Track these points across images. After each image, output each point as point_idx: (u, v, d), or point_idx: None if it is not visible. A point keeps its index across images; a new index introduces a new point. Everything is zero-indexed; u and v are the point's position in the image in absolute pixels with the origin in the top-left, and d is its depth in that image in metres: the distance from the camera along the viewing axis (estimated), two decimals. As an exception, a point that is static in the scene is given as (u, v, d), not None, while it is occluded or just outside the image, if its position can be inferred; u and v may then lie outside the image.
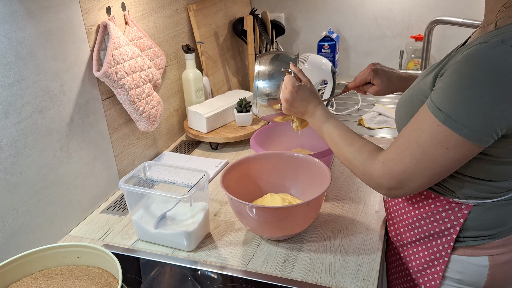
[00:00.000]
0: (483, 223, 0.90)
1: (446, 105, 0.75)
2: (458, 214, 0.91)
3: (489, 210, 0.89)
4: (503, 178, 0.86)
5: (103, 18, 1.22)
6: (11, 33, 0.95)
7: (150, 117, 1.34)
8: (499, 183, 0.86)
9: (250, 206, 0.99)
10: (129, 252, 1.08)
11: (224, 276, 1.00)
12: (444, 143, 0.77)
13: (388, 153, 0.86)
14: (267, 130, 1.42)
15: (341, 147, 0.95)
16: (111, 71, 1.18)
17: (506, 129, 0.75)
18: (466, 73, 0.73)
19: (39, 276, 0.90)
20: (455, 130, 0.75)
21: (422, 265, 0.99)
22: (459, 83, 0.74)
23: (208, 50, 1.78)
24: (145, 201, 1.13)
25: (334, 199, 1.24)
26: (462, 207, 0.90)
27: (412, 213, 0.98)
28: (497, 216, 0.89)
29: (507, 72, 0.70)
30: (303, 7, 2.16)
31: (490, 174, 0.85)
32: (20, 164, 1.01)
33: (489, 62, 0.71)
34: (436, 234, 0.95)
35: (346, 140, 0.95)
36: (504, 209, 0.89)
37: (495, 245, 0.91)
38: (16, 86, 0.98)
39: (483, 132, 0.74)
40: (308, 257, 1.02)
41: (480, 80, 0.71)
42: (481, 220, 0.90)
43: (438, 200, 0.92)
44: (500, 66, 0.70)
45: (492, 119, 0.73)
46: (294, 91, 1.03)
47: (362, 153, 0.91)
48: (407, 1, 1.99)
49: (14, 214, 1.00)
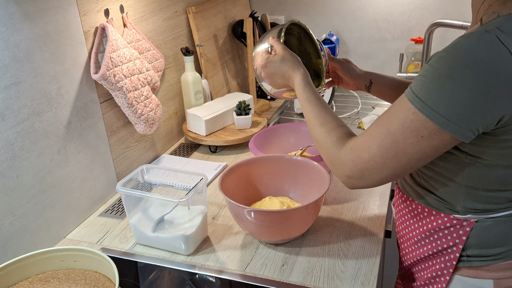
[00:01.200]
0: (486, 241, 0.86)
1: (424, 92, 0.72)
2: (460, 231, 0.87)
3: (492, 226, 0.85)
4: (500, 186, 0.82)
5: (101, 21, 1.22)
6: (8, 35, 0.95)
7: (148, 119, 1.33)
8: (497, 193, 0.83)
9: (248, 210, 0.98)
10: (126, 256, 1.08)
11: (222, 280, 0.99)
12: (418, 132, 0.74)
13: (358, 140, 0.83)
14: (266, 133, 1.41)
15: (312, 125, 0.91)
16: (109, 73, 1.18)
17: (486, 126, 0.72)
18: (448, 63, 0.71)
19: (36, 280, 0.90)
20: (431, 118, 0.72)
21: (425, 283, 0.96)
22: (440, 72, 0.71)
23: (207, 53, 1.77)
24: (143, 205, 1.12)
25: (333, 203, 1.23)
26: (464, 224, 0.87)
27: (417, 231, 0.95)
28: (501, 234, 0.85)
29: (489, 64, 0.68)
30: (302, 10, 2.16)
31: (487, 182, 0.82)
32: (17, 167, 1.00)
33: (473, 54, 0.69)
34: (439, 252, 0.92)
35: (318, 118, 0.91)
36: (508, 226, 0.85)
37: (500, 268, 0.86)
38: (13, 89, 0.97)
39: (460, 123, 0.71)
40: (306, 261, 1.02)
41: (461, 71, 0.69)
42: (484, 238, 0.86)
43: (439, 217, 0.89)
44: (483, 58, 0.68)
45: (470, 112, 0.70)
46: (264, 66, 1.01)
47: (331, 136, 0.87)
48: (407, 3, 1.99)
49: (11, 218, 1.00)
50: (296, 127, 1.45)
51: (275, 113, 1.90)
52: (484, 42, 0.69)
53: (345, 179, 0.84)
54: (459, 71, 0.69)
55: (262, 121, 1.65)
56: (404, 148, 0.76)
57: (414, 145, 0.75)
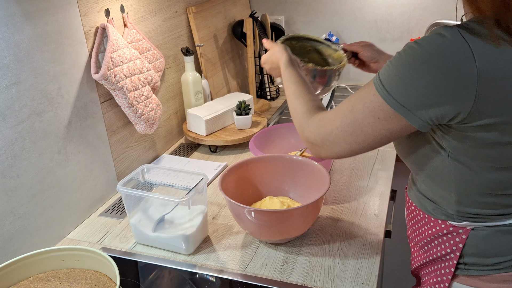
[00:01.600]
0: (483, 250, 0.87)
1: (386, 77, 0.77)
2: (457, 238, 0.89)
3: (489, 236, 0.86)
4: (489, 190, 0.82)
5: (101, 20, 1.22)
6: (8, 35, 0.95)
7: (148, 119, 1.33)
8: (488, 197, 0.83)
9: (248, 210, 0.98)
10: (127, 256, 1.08)
11: (222, 279, 0.99)
12: (375, 113, 0.79)
13: (326, 113, 0.89)
14: (266, 133, 1.42)
15: (290, 100, 0.98)
16: (110, 73, 1.18)
17: (440, 118, 0.75)
18: (414, 53, 0.74)
19: (36, 280, 0.90)
20: (388, 101, 0.76)
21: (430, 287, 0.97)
22: (404, 61, 0.75)
23: (208, 53, 1.78)
24: (144, 204, 1.12)
25: (333, 203, 1.24)
26: (460, 231, 0.88)
27: (420, 237, 0.97)
28: (498, 244, 0.86)
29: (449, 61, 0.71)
30: (302, 10, 2.16)
31: (473, 185, 0.83)
32: (17, 167, 1.00)
33: (438, 49, 0.72)
34: (439, 258, 0.93)
35: (295, 94, 0.97)
36: (504, 237, 0.85)
37: (498, 279, 0.86)
38: (13, 89, 0.97)
39: (414, 111, 0.75)
40: (307, 261, 1.02)
41: (423, 63, 0.73)
42: (480, 247, 0.87)
43: (437, 223, 0.91)
44: (444, 54, 0.71)
45: (424, 103, 0.74)
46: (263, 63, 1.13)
47: (303, 107, 0.94)
48: (407, 4, 1.99)
49: (12, 217, 1.00)
50: (296, 127, 1.45)
51: (275, 113, 1.90)
52: (450, 39, 0.72)
53: (309, 145, 0.91)
54: (421, 63, 0.73)
55: (262, 121, 1.65)
56: (362, 126, 0.81)
57: (371, 125, 0.80)
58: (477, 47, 0.71)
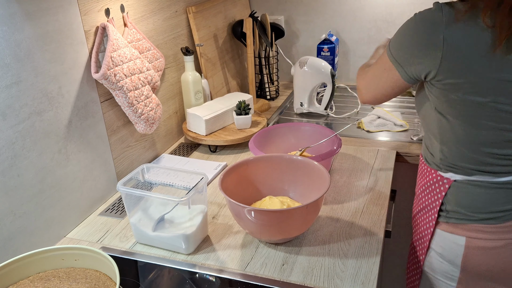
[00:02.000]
0: (461, 201, 1.03)
1: (392, 39, 1.03)
2: (442, 187, 1.06)
3: (467, 189, 1.02)
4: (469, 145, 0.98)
5: (101, 20, 1.22)
6: (9, 34, 0.95)
7: (148, 119, 1.34)
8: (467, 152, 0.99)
9: (248, 209, 0.98)
10: (127, 255, 1.08)
11: (222, 279, 0.99)
12: (383, 65, 1.05)
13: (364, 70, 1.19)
14: (266, 133, 1.42)
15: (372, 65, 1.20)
16: (110, 73, 1.18)
17: (417, 74, 0.98)
18: (407, 22, 0.98)
19: (36, 279, 0.90)
20: (388, 56, 1.02)
21: (418, 236, 1.15)
22: (402, 27, 0.99)
23: (207, 53, 1.78)
24: (143, 204, 1.12)
25: (333, 202, 1.24)
26: (445, 181, 1.05)
27: (419, 186, 1.15)
28: (473, 198, 1.01)
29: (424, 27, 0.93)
30: (302, 10, 2.16)
31: (455, 138, 0.99)
32: (17, 167, 1.00)
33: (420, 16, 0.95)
34: (427, 206, 1.10)
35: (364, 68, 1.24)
36: (480, 192, 1.00)
37: (472, 229, 1.02)
38: (13, 88, 0.97)
39: (401, 64, 1.00)
40: (306, 261, 1.02)
41: (410, 27, 0.97)
42: (459, 198, 1.03)
43: (430, 173, 1.09)
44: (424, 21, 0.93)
45: (407, 58, 0.98)
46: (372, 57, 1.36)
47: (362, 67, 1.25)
48: (406, 4, 1.99)
49: (12, 217, 1.00)
50: (296, 127, 1.45)
51: (275, 113, 1.90)
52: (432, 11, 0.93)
53: (358, 92, 1.21)
54: (409, 28, 0.97)
55: (262, 121, 1.65)
56: (376, 78, 1.09)
57: (381, 76, 1.07)
58: (450, 19, 0.89)
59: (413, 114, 1.81)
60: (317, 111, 1.83)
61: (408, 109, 1.86)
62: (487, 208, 1.00)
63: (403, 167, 1.54)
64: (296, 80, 1.81)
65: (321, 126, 1.43)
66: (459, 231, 1.04)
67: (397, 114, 1.77)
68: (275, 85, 2.07)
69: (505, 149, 0.96)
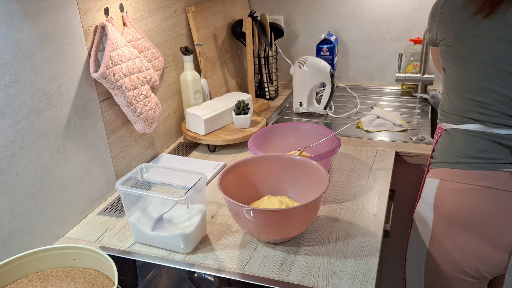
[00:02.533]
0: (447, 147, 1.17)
1: None
2: (436, 138, 1.24)
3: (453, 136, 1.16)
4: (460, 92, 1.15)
5: (101, 19, 1.22)
6: (8, 33, 0.95)
7: (147, 119, 1.33)
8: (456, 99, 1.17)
9: (247, 209, 0.98)
10: (125, 254, 1.08)
11: (221, 279, 0.99)
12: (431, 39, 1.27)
13: None
14: (265, 133, 1.42)
15: None
16: (109, 72, 1.18)
17: (436, 38, 1.22)
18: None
19: (35, 278, 0.90)
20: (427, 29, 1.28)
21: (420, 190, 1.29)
22: None
23: (207, 52, 1.78)
24: (142, 203, 1.12)
25: (332, 202, 1.24)
26: (439, 131, 1.23)
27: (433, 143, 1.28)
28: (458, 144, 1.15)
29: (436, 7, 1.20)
30: (302, 10, 2.16)
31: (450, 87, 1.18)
32: (16, 166, 1.00)
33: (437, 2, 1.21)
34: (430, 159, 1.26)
35: None
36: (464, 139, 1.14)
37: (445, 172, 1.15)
38: (12, 87, 0.97)
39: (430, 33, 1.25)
40: (305, 260, 1.02)
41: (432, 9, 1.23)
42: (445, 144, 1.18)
43: (438, 127, 1.25)
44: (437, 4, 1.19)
45: (432, 28, 1.23)
46: None
47: None
48: (406, 4, 1.99)
49: (10, 216, 1.00)
50: (295, 126, 1.45)
51: (274, 113, 1.90)
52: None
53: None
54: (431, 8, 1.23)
55: (261, 120, 1.65)
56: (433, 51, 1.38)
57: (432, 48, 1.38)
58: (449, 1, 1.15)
59: (412, 114, 1.81)
60: (316, 111, 1.83)
61: (408, 109, 1.86)
62: (459, 153, 1.14)
63: (402, 167, 1.54)
64: (296, 80, 1.81)
65: (320, 126, 1.43)
66: (437, 175, 1.17)
67: (396, 114, 1.77)
68: (274, 85, 2.07)
69: (479, 96, 1.11)
